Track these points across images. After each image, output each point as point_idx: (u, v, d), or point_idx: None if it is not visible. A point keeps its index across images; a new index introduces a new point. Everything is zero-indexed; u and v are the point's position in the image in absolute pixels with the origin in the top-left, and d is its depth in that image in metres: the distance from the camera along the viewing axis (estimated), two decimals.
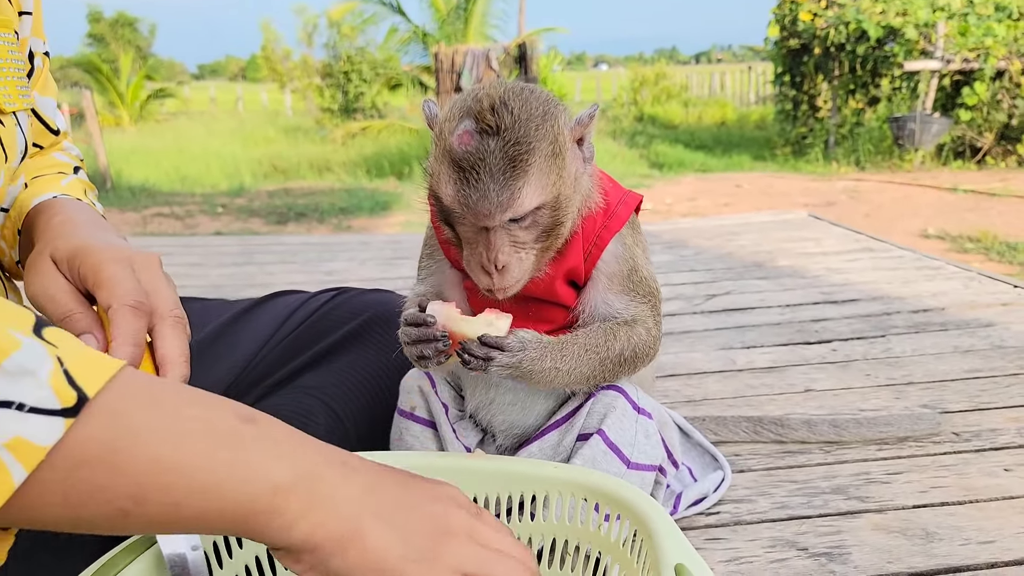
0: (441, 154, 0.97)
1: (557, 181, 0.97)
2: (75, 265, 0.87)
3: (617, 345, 1.09)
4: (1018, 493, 1.43)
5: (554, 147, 0.96)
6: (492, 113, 0.93)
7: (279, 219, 8.09)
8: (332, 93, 16.33)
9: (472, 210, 0.94)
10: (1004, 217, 7.13)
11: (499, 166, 0.92)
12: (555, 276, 1.09)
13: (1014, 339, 2.21)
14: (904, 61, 10.34)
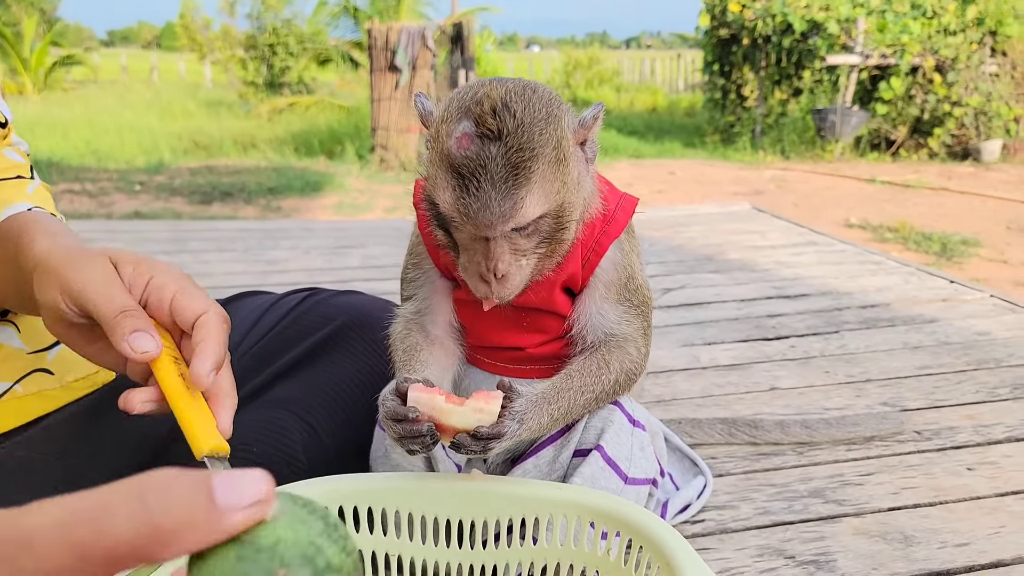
0: (438, 158, 0.90)
1: (561, 188, 0.92)
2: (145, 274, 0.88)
3: (611, 377, 1.06)
4: (983, 493, 1.47)
5: (558, 152, 0.90)
6: (493, 116, 0.86)
7: (203, 199, 7.75)
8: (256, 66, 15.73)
9: (472, 219, 0.88)
10: (919, 208, 7.47)
11: (501, 174, 0.86)
12: (554, 284, 1.04)
13: (957, 335, 2.29)
14: (826, 55, 10.68)
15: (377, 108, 9.37)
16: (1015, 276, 5.25)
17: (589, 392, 1.04)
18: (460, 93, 0.92)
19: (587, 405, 1.05)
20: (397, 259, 3.22)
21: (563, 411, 1.02)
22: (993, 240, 6.24)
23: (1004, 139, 10.04)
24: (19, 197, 1.04)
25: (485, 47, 16.94)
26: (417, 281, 1.12)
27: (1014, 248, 6.04)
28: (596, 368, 1.04)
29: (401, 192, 8.10)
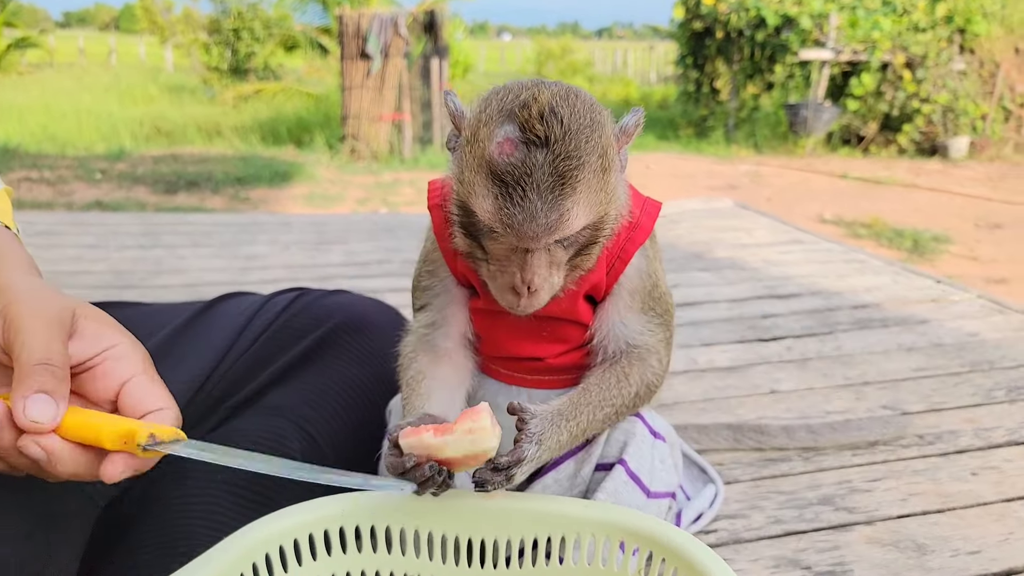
0: (476, 163, 0.83)
1: (604, 199, 0.87)
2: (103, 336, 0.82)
3: (631, 390, 1.02)
4: (990, 499, 1.46)
5: (603, 161, 0.85)
6: (541, 121, 0.80)
7: (168, 188, 7.55)
8: (220, 51, 15.37)
9: (516, 230, 0.82)
10: (890, 204, 7.57)
11: (547, 183, 0.80)
12: (578, 293, 0.99)
13: (949, 336, 2.29)
14: (798, 50, 10.77)
15: (348, 96, 9.21)
16: (985, 273, 5.34)
17: (608, 407, 1.00)
18: (498, 95, 0.86)
19: (606, 420, 1.01)
20: (380, 255, 3.17)
21: (581, 428, 0.98)
22: (963, 237, 6.34)
23: (971, 136, 10.22)
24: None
25: (456, 35, 16.78)
26: (432, 290, 1.06)
27: (983, 245, 6.15)
28: (616, 382, 1.00)
29: (372, 183, 7.98)
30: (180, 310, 1.33)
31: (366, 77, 9.08)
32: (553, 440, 0.94)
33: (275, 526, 0.87)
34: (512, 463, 0.87)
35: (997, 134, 10.33)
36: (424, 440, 0.85)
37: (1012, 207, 7.50)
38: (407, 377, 1.04)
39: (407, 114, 9.36)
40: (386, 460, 0.90)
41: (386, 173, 8.67)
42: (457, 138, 0.92)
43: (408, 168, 9.02)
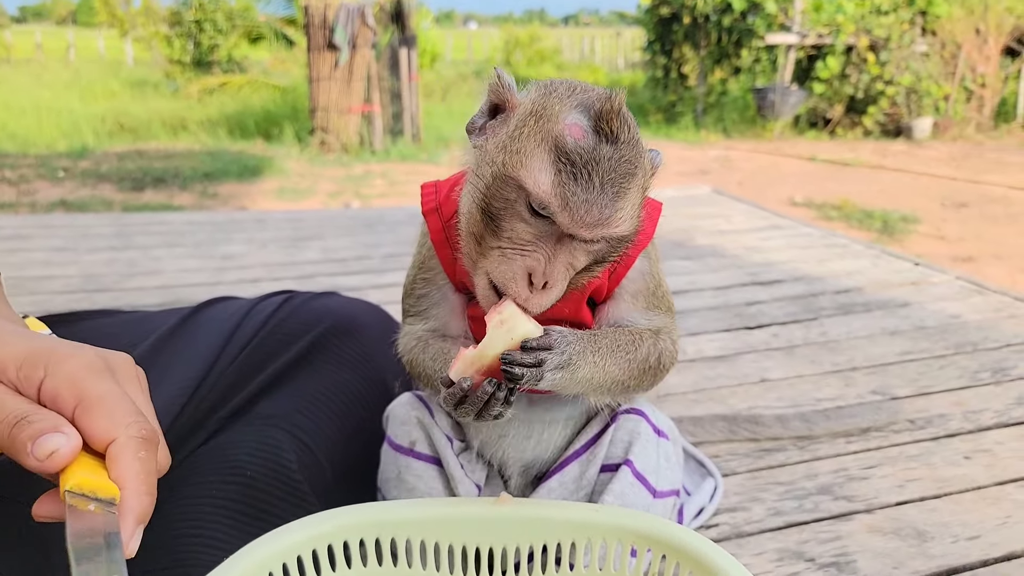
0: (540, 136, 0.81)
1: (638, 215, 0.85)
2: (34, 376, 0.65)
3: (644, 349, 0.97)
4: (984, 483, 1.47)
5: (644, 181, 0.85)
6: (617, 118, 0.79)
7: (134, 185, 7.39)
8: (182, 43, 15.08)
9: (573, 212, 0.79)
10: (858, 186, 7.66)
11: (611, 177, 0.79)
12: (582, 298, 0.97)
13: (931, 319, 2.31)
14: (765, 34, 10.84)
15: (316, 88, 9.08)
16: (953, 251, 5.43)
17: (623, 357, 0.94)
18: (564, 85, 0.86)
19: (621, 373, 0.94)
20: (358, 251, 3.12)
21: (601, 360, 0.91)
22: (930, 217, 6.44)
23: (934, 117, 10.38)
24: None
25: (423, 24, 16.62)
26: (430, 297, 1.03)
27: (950, 224, 6.25)
28: (629, 337, 0.96)
29: (343, 175, 7.89)
30: (164, 317, 1.28)
31: (334, 68, 8.95)
32: (577, 345, 0.89)
33: (277, 544, 0.84)
34: (543, 346, 0.85)
35: (959, 114, 10.50)
36: (467, 357, 0.85)
37: (976, 186, 7.64)
38: (427, 356, 1.00)
39: (376, 105, 9.25)
40: (441, 399, 0.88)
41: (357, 165, 8.57)
42: (488, 118, 0.89)
43: (379, 160, 8.92)
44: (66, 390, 0.64)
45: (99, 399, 0.64)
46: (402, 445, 1.07)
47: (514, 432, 1.07)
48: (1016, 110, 10.89)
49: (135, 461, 0.63)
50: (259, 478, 1.02)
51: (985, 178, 7.96)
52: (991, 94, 10.63)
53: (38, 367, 0.66)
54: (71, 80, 15.27)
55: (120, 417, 0.64)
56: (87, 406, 0.64)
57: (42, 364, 0.66)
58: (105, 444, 0.64)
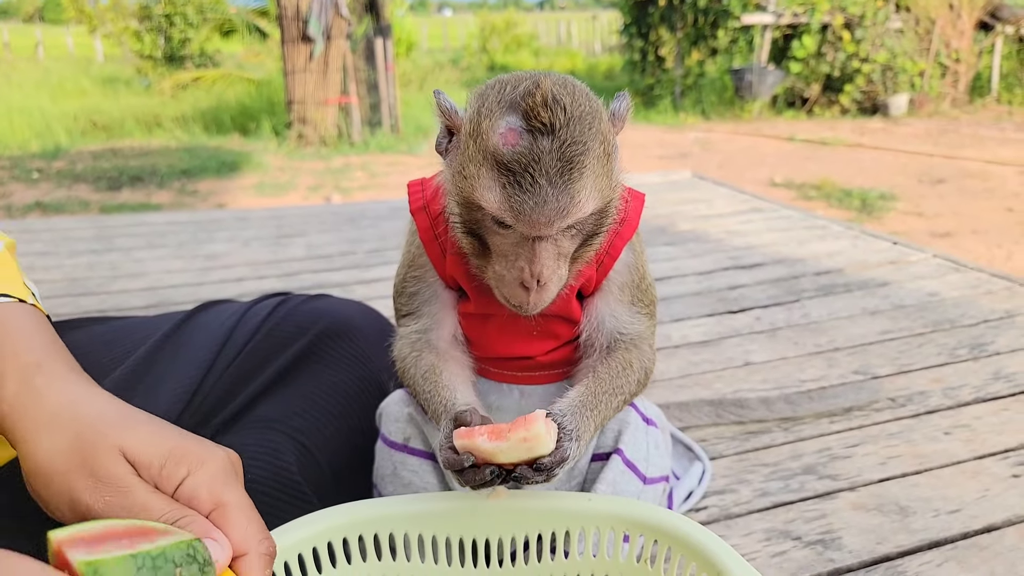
0: (480, 156, 0.82)
1: (608, 184, 0.86)
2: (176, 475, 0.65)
3: (635, 376, 1.02)
4: (963, 457, 1.51)
5: (604, 147, 0.85)
6: (545, 109, 0.79)
7: (111, 185, 7.30)
8: (152, 38, 14.86)
9: (527, 217, 0.81)
10: (836, 165, 7.72)
11: (556, 168, 0.80)
12: (573, 290, 0.99)
13: (910, 297, 2.36)
14: (741, 15, 10.86)
15: (292, 81, 9.00)
16: (931, 227, 5.50)
17: (620, 394, 1.00)
18: (495, 88, 0.85)
19: (617, 408, 1.01)
20: (343, 247, 3.13)
21: (601, 417, 0.98)
22: (908, 194, 6.50)
23: (910, 93, 10.47)
24: None
25: (397, 12, 16.49)
26: (420, 295, 1.05)
27: (927, 200, 6.32)
28: (622, 369, 1.00)
29: (323, 169, 7.84)
30: (158, 323, 1.29)
31: (309, 60, 8.87)
32: (587, 434, 0.93)
33: (281, 541, 0.85)
34: (555, 463, 0.87)
35: (935, 90, 10.59)
36: (479, 445, 0.85)
37: (952, 161, 7.72)
38: (418, 373, 1.02)
39: (354, 97, 9.19)
40: (442, 456, 0.89)
41: (336, 158, 8.52)
42: (448, 139, 0.90)
43: (358, 152, 8.88)
44: (206, 493, 0.65)
45: (236, 508, 0.65)
46: (396, 441, 1.09)
47: (511, 407, 1.09)
48: (990, 84, 11.01)
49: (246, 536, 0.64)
50: (260, 480, 1.04)
51: (962, 153, 8.05)
52: (966, 69, 10.73)
53: (181, 466, 0.66)
54: (41, 79, 15.01)
55: (254, 532, 0.65)
56: (223, 513, 0.64)
57: (185, 463, 0.66)
58: (238, 555, 0.64)
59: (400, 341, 1.06)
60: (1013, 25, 10.68)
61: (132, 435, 0.67)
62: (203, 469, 0.66)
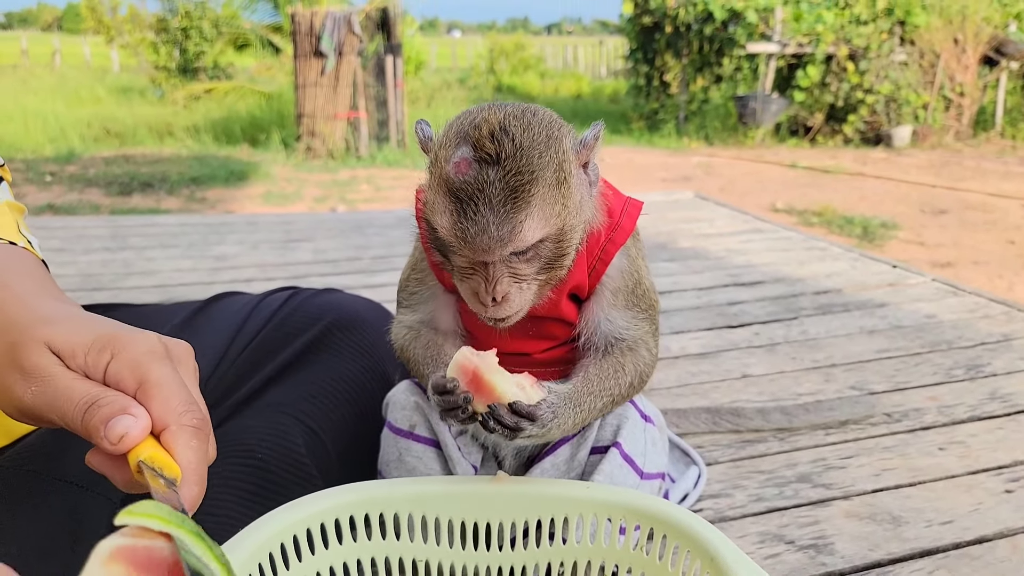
0: (437, 183, 0.88)
1: (562, 211, 0.89)
2: (101, 360, 0.68)
3: (626, 380, 1.05)
4: (957, 472, 1.54)
5: (559, 175, 0.88)
6: (491, 140, 0.84)
7: (122, 190, 7.38)
8: (168, 50, 15.04)
9: (470, 244, 0.86)
10: (839, 192, 7.78)
11: (499, 197, 0.84)
12: (560, 295, 1.02)
13: (907, 319, 2.39)
14: (746, 43, 10.99)
15: (302, 94, 9.12)
16: (932, 257, 5.53)
17: (607, 396, 1.03)
18: (459, 119, 0.90)
19: (603, 409, 1.05)
20: (349, 253, 3.17)
21: (583, 416, 1.01)
22: (909, 223, 6.55)
23: (913, 125, 10.55)
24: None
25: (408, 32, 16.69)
26: (421, 295, 1.09)
27: (929, 230, 6.36)
28: (613, 372, 1.03)
29: (329, 181, 7.91)
30: (175, 310, 1.33)
31: (320, 75, 9.00)
32: (565, 420, 0.97)
33: (289, 517, 0.88)
34: (526, 414, 0.91)
35: (938, 122, 10.67)
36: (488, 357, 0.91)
37: (955, 193, 7.77)
38: (419, 345, 1.05)
39: (362, 112, 9.30)
40: (431, 377, 0.93)
41: (343, 171, 8.61)
42: None
43: (365, 165, 8.96)
44: (128, 373, 0.67)
45: (157, 384, 0.67)
46: (402, 428, 1.12)
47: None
48: (994, 119, 11.09)
49: (187, 449, 0.65)
50: (269, 460, 1.07)
51: (964, 185, 8.10)
52: (970, 103, 10.82)
53: (105, 351, 0.68)
54: (57, 86, 15.19)
55: (175, 404, 0.67)
56: (146, 390, 0.66)
57: (109, 348, 0.68)
58: (160, 429, 0.66)
59: (398, 327, 1.10)
60: (1018, 61, 10.79)
61: (58, 328, 0.70)
62: (126, 351, 0.68)
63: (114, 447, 0.63)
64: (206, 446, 0.68)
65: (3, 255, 0.85)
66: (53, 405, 0.66)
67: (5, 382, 0.69)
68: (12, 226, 0.93)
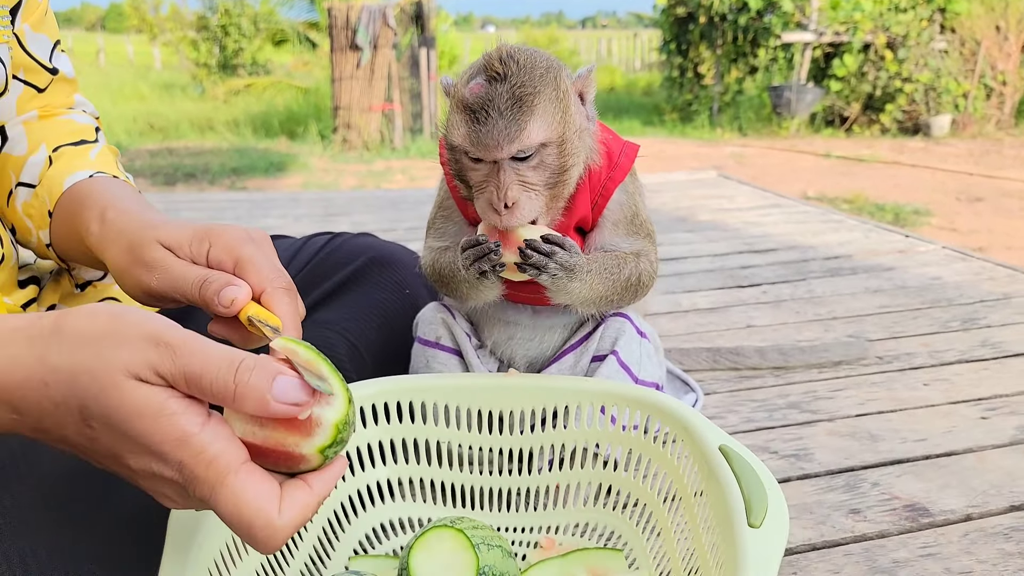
0: (455, 106, 1.06)
1: (561, 121, 1.06)
2: (202, 249, 0.85)
3: (627, 270, 1.19)
4: (937, 402, 1.67)
5: (557, 92, 1.05)
6: (500, 63, 1.03)
7: (166, 180, 7.71)
8: (208, 47, 15.48)
9: (482, 144, 1.03)
10: (872, 181, 7.77)
11: (506, 104, 1.02)
12: (567, 227, 1.19)
13: (913, 280, 2.50)
14: (781, 33, 10.95)
15: (339, 87, 9.37)
16: (963, 242, 5.53)
17: (610, 278, 1.17)
18: (475, 61, 1.08)
19: (607, 290, 1.17)
20: (384, 224, 3.37)
21: (591, 284, 1.15)
22: (943, 210, 6.53)
23: (953, 114, 10.41)
24: (81, 164, 1.06)
25: (442, 27, 16.90)
26: (446, 228, 1.26)
27: (963, 217, 6.34)
28: (616, 262, 1.18)
29: (365, 171, 8.15)
30: None
31: (356, 68, 9.23)
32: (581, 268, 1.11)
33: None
34: (557, 242, 1.08)
35: (979, 111, 10.51)
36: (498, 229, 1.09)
37: (993, 181, 7.70)
38: (444, 261, 1.21)
39: (397, 104, 9.53)
40: (463, 241, 1.12)
41: (378, 162, 8.84)
42: None
43: (399, 157, 9.18)
44: (226, 256, 0.84)
45: (250, 260, 0.83)
46: (429, 340, 1.30)
47: (520, 335, 1.30)
48: None
49: (282, 304, 0.82)
50: None
51: (1003, 174, 8.00)
52: (1012, 91, 10.64)
53: (204, 241, 0.85)
54: (102, 83, 15.71)
55: (267, 273, 0.83)
56: (242, 266, 0.83)
57: (207, 239, 0.85)
58: (258, 294, 0.82)
59: (427, 251, 1.27)
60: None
61: (165, 230, 0.88)
62: (220, 239, 0.85)
63: (227, 310, 0.80)
64: (296, 303, 0.85)
65: (112, 185, 1.04)
66: (174, 287, 0.84)
67: (135, 274, 0.88)
68: (113, 164, 1.13)
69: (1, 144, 1.08)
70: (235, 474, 0.60)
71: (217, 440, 0.61)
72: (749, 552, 0.74)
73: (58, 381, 0.60)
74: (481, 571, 0.87)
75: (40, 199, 1.04)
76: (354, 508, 1.11)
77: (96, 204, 0.97)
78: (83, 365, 0.60)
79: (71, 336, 0.62)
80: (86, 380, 0.60)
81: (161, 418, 0.59)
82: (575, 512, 1.15)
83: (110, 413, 0.59)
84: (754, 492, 0.83)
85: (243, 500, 0.59)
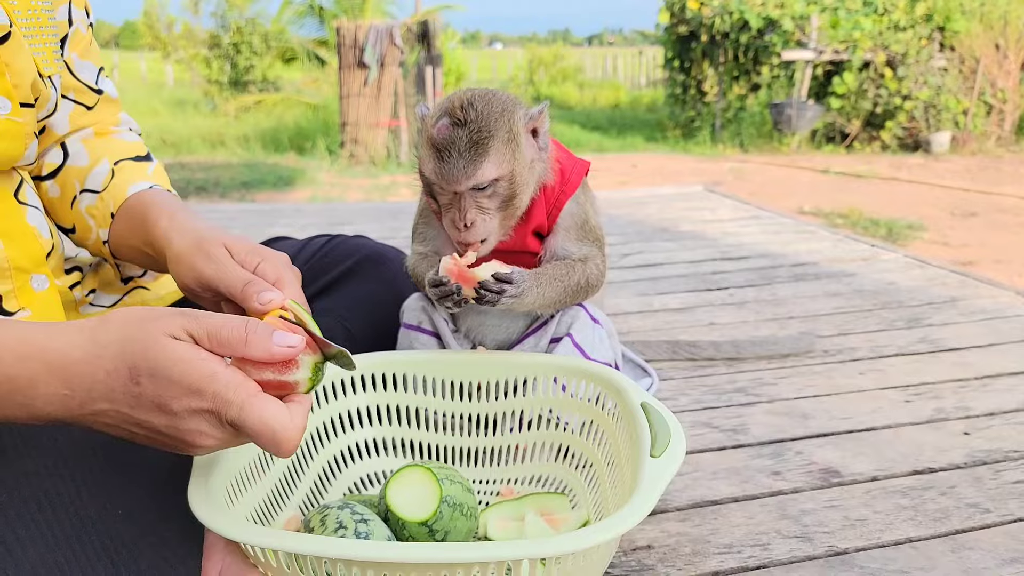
0: (426, 142, 1.29)
1: (511, 160, 1.29)
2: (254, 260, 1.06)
3: (575, 276, 1.42)
4: (868, 388, 1.88)
5: (509, 135, 1.28)
6: (461, 110, 1.25)
7: (178, 193, 7.73)
8: (220, 65, 15.84)
9: (445, 179, 1.25)
10: (869, 196, 7.92)
11: (465, 146, 1.25)
12: (525, 233, 1.41)
13: (871, 284, 2.71)
14: (782, 51, 11.16)
15: (346, 104, 9.64)
16: (954, 256, 5.66)
17: (560, 284, 1.38)
18: (443, 100, 1.31)
19: (558, 297, 1.39)
20: (386, 233, 3.61)
21: (543, 292, 1.36)
22: (937, 225, 6.66)
23: (953, 131, 10.52)
24: (141, 176, 1.28)
25: (449, 45, 17.23)
26: (427, 233, 1.49)
27: (956, 232, 6.47)
28: (565, 269, 1.40)
29: (371, 185, 8.40)
30: None
31: (363, 86, 9.51)
32: (530, 286, 1.32)
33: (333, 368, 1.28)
34: (506, 279, 1.29)
35: (979, 128, 10.63)
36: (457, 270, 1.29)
37: (989, 197, 7.81)
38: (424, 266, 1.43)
39: (403, 120, 9.79)
40: (428, 276, 1.33)
41: (384, 176, 9.08)
42: None
43: (404, 171, 9.41)
44: (271, 272, 1.05)
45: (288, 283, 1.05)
46: (412, 324, 1.52)
47: (490, 322, 1.51)
48: None
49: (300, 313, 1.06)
50: None
51: (999, 189, 8.10)
52: (1012, 108, 10.76)
53: (257, 255, 1.08)
54: None
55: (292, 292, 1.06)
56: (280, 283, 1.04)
57: (259, 255, 1.08)
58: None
59: (412, 255, 1.50)
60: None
61: (229, 236, 1.11)
62: (272, 259, 1.08)
63: (262, 307, 1.01)
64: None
65: (171, 196, 1.27)
66: (223, 279, 1.05)
67: (194, 262, 1.08)
68: (167, 180, 1.36)
69: (64, 158, 1.30)
70: (255, 396, 0.82)
71: (237, 375, 0.83)
72: (646, 473, 0.95)
73: (110, 352, 0.79)
74: (444, 499, 1.08)
75: (104, 203, 1.26)
76: (344, 461, 1.33)
77: (163, 208, 1.19)
78: (130, 335, 0.81)
79: (115, 320, 0.81)
80: (133, 346, 0.79)
81: (196, 361, 0.81)
82: (532, 467, 1.36)
83: (156, 365, 0.78)
84: (660, 433, 1.04)
85: (266, 413, 0.81)
